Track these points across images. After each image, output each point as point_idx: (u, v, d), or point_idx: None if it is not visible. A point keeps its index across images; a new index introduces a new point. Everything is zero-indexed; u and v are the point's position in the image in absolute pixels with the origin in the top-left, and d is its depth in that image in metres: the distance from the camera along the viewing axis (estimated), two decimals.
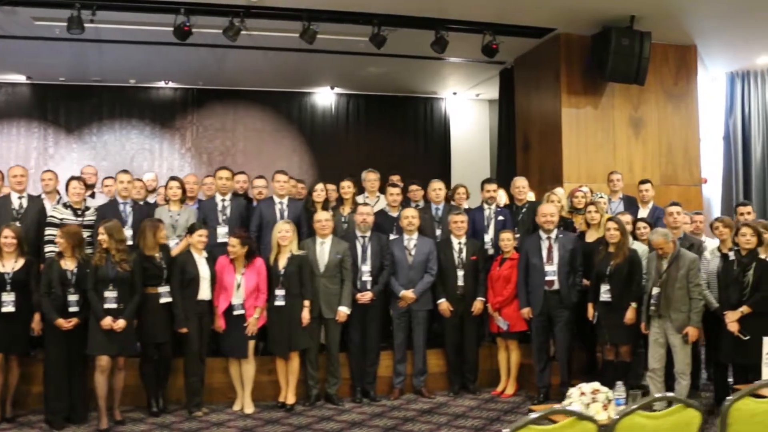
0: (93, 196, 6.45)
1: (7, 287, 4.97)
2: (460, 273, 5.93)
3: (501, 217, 6.38)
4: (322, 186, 6.25)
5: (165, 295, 5.28)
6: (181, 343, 5.41)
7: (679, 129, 8.41)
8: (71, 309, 5.05)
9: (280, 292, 5.47)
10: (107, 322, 4.93)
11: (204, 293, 5.41)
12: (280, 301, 5.47)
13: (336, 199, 6.60)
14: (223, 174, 6.03)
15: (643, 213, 6.70)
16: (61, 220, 5.61)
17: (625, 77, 7.65)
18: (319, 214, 5.75)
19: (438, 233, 6.32)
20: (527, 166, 8.80)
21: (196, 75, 9.97)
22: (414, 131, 11.34)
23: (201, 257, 5.47)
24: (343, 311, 5.66)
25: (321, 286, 5.63)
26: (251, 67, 9.51)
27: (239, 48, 8.16)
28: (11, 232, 5.07)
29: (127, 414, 5.32)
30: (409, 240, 5.95)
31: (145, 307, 5.23)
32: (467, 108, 11.50)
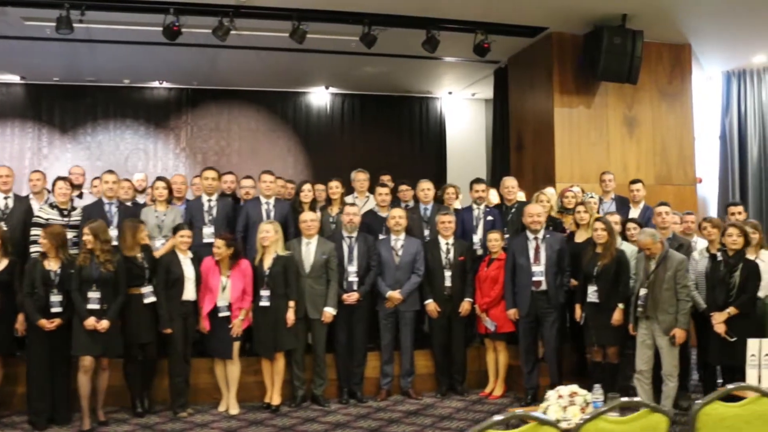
0: (81, 196, 6.43)
1: None
2: (447, 273, 5.90)
3: (490, 218, 6.34)
4: (309, 186, 6.22)
5: (148, 296, 5.26)
6: (166, 344, 5.39)
7: (674, 128, 8.35)
8: (54, 310, 5.02)
9: (264, 292, 5.44)
10: (91, 322, 4.91)
11: (189, 294, 5.38)
12: (265, 302, 5.44)
13: (325, 200, 6.57)
14: (209, 174, 6.01)
15: (635, 213, 6.65)
16: (47, 220, 5.59)
17: (618, 76, 7.60)
18: (305, 214, 5.73)
19: (426, 233, 6.29)
20: (520, 166, 8.76)
21: (190, 75, 9.97)
22: (409, 131, 11.31)
23: (186, 258, 5.45)
24: (329, 312, 5.63)
25: (307, 286, 5.61)
26: (245, 67, 9.50)
27: (231, 48, 8.17)
28: None
29: (112, 414, 5.30)
30: (396, 240, 5.91)
31: (129, 308, 5.20)
32: (463, 107, 11.46)
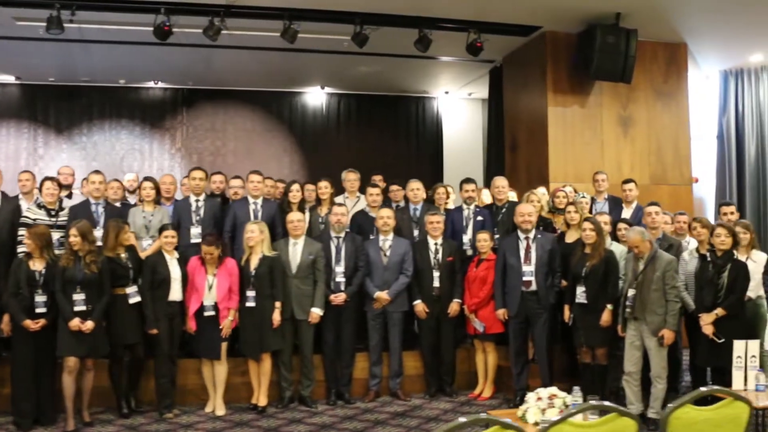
0: (70, 196, 6.41)
1: None
2: (435, 274, 5.86)
3: (480, 218, 6.29)
4: (297, 186, 6.19)
5: (133, 296, 5.24)
6: (152, 345, 5.37)
7: (669, 128, 8.29)
8: (39, 310, 4.99)
9: (250, 293, 5.42)
10: (75, 323, 4.89)
11: (175, 294, 5.37)
12: (251, 303, 5.42)
13: (315, 200, 6.54)
14: (197, 174, 5.99)
15: (627, 213, 6.60)
16: (34, 220, 5.57)
17: (611, 75, 7.55)
18: (291, 214, 5.69)
19: (416, 234, 6.25)
20: (515, 165, 8.72)
21: (184, 75, 9.96)
22: (406, 131, 11.27)
23: (172, 258, 5.43)
24: (316, 312, 5.60)
25: (293, 287, 5.57)
26: (239, 67, 9.48)
27: (224, 48, 8.15)
28: None
29: (99, 415, 5.29)
30: (385, 241, 5.88)
31: (114, 308, 5.19)
32: (459, 107, 11.41)
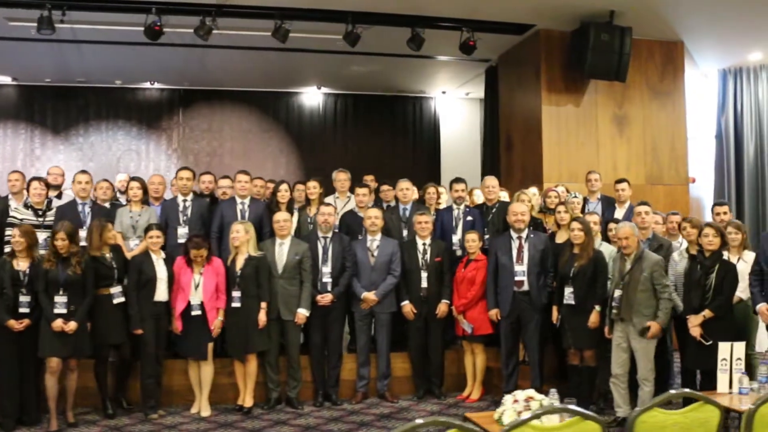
0: (60, 196, 6.41)
1: None
2: (423, 275, 5.81)
3: (470, 218, 6.24)
4: (286, 186, 6.16)
5: (118, 296, 5.23)
6: (138, 345, 5.35)
7: (665, 127, 8.21)
8: (22, 310, 4.97)
9: (236, 293, 5.39)
10: (58, 324, 4.88)
11: (161, 294, 5.34)
12: (236, 303, 5.39)
13: (305, 200, 6.50)
14: (184, 174, 5.97)
15: (620, 213, 6.52)
16: (21, 220, 5.58)
17: (606, 74, 7.48)
18: (278, 214, 5.66)
19: (405, 234, 6.20)
20: (510, 165, 8.66)
21: (181, 75, 9.96)
22: (403, 131, 11.23)
23: (159, 258, 5.40)
24: (302, 313, 5.56)
25: (279, 287, 5.53)
26: (235, 67, 9.47)
27: (218, 48, 8.16)
28: None
29: (85, 416, 5.28)
30: (372, 241, 5.83)
31: (98, 309, 5.17)
32: (457, 107, 11.36)
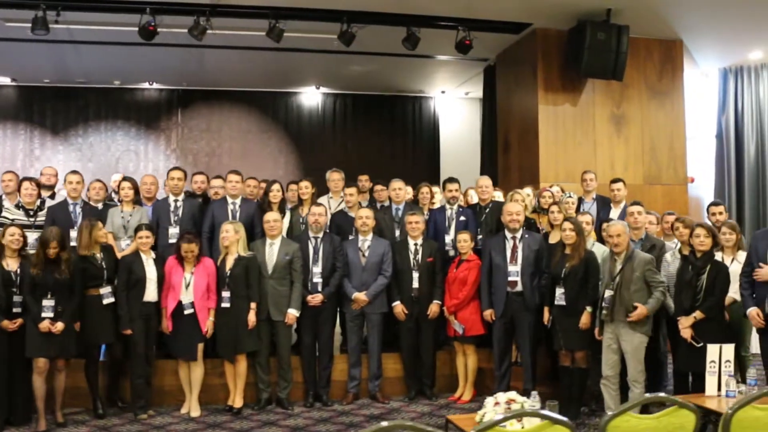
0: (53, 197, 6.41)
1: None
2: (415, 275, 5.77)
3: (463, 218, 6.20)
4: (278, 186, 6.13)
5: (107, 296, 5.22)
6: (128, 345, 5.35)
7: (664, 126, 8.14)
8: (16, 310, 4.97)
9: (225, 293, 5.37)
10: (45, 324, 4.87)
11: (150, 295, 5.33)
12: (225, 303, 5.37)
13: (298, 200, 6.48)
14: (175, 174, 5.96)
15: (615, 213, 6.46)
16: (12, 221, 5.58)
17: (602, 73, 7.43)
18: (268, 214, 5.63)
19: (398, 234, 6.17)
20: (507, 165, 8.62)
21: (179, 76, 9.98)
22: (402, 131, 11.21)
23: (149, 258, 5.39)
24: (292, 314, 5.54)
25: (269, 287, 5.51)
26: (233, 67, 9.48)
27: (215, 48, 8.17)
28: None
29: (75, 416, 5.28)
30: (364, 241, 5.80)
31: (88, 309, 5.17)
32: (456, 107, 11.33)
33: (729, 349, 4.04)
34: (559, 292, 5.21)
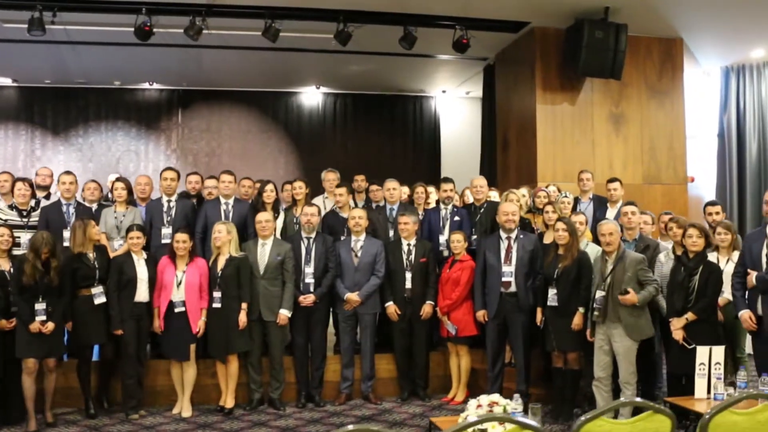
0: (48, 197, 6.42)
1: None
2: (408, 275, 5.75)
3: (457, 218, 6.17)
4: (272, 187, 6.11)
5: (99, 296, 5.22)
6: (119, 345, 5.35)
7: (663, 126, 8.06)
8: (14, 309, 4.98)
9: (217, 294, 5.36)
10: (36, 325, 4.87)
11: (141, 295, 5.32)
12: (216, 303, 5.37)
13: (292, 200, 6.47)
14: (168, 174, 5.95)
15: (612, 213, 6.40)
16: (5, 221, 5.60)
17: (600, 72, 7.36)
18: (260, 215, 5.62)
19: (392, 234, 6.15)
20: (506, 165, 8.57)
21: (179, 76, 9.98)
22: (403, 130, 11.17)
23: (140, 259, 5.39)
24: (284, 314, 5.53)
25: (261, 288, 5.50)
26: (233, 68, 9.47)
27: (212, 48, 8.17)
28: None
29: (67, 416, 5.28)
30: (356, 241, 5.78)
31: (80, 309, 5.18)
32: (457, 106, 11.27)
33: (719, 352, 3.98)
34: (552, 292, 5.18)
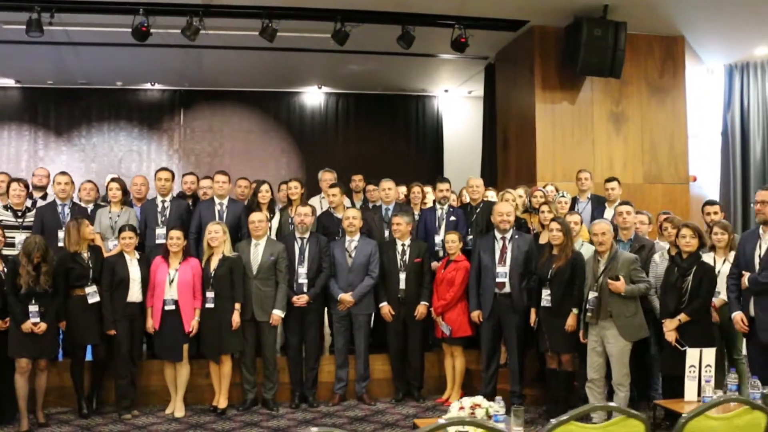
0: (45, 197, 6.45)
1: None
2: (402, 276, 5.71)
3: (453, 218, 6.13)
4: (267, 187, 6.09)
5: (92, 296, 5.22)
6: (112, 345, 5.36)
7: (664, 125, 7.98)
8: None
9: (210, 294, 5.36)
10: (28, 325, 4.89)
11: (134, 295, 5.33)
12: (209, 304, 5.36)
13: (287, 200, 6.45)
14: (162, 175, 5.96)
15: (610, 213, 6.34)
16: (0, 221, 5.63)
17: (599, 70, 7.29)
18: (253, 215, 5.61)
19: (387, 234, 6.12)
20: (506, 164, 8.52)
21: (180, 76, 10.00)
22: (406, 130, 11.13)
23: (132, 259, 5.40)
24: (277, 314, 5.51)
25: (254, 288, 5.49)
26: (234, 68, 9.47)
27: (212, 48, 8.18)
28: None
29: (60, 416, 5.29)
30: (350, 242, 5.75)
31: (73, 309, 5.19)
32: (460, 106, 11.22)
33: (710, 354, 3.92)
34: (546, 293, 5.13)
